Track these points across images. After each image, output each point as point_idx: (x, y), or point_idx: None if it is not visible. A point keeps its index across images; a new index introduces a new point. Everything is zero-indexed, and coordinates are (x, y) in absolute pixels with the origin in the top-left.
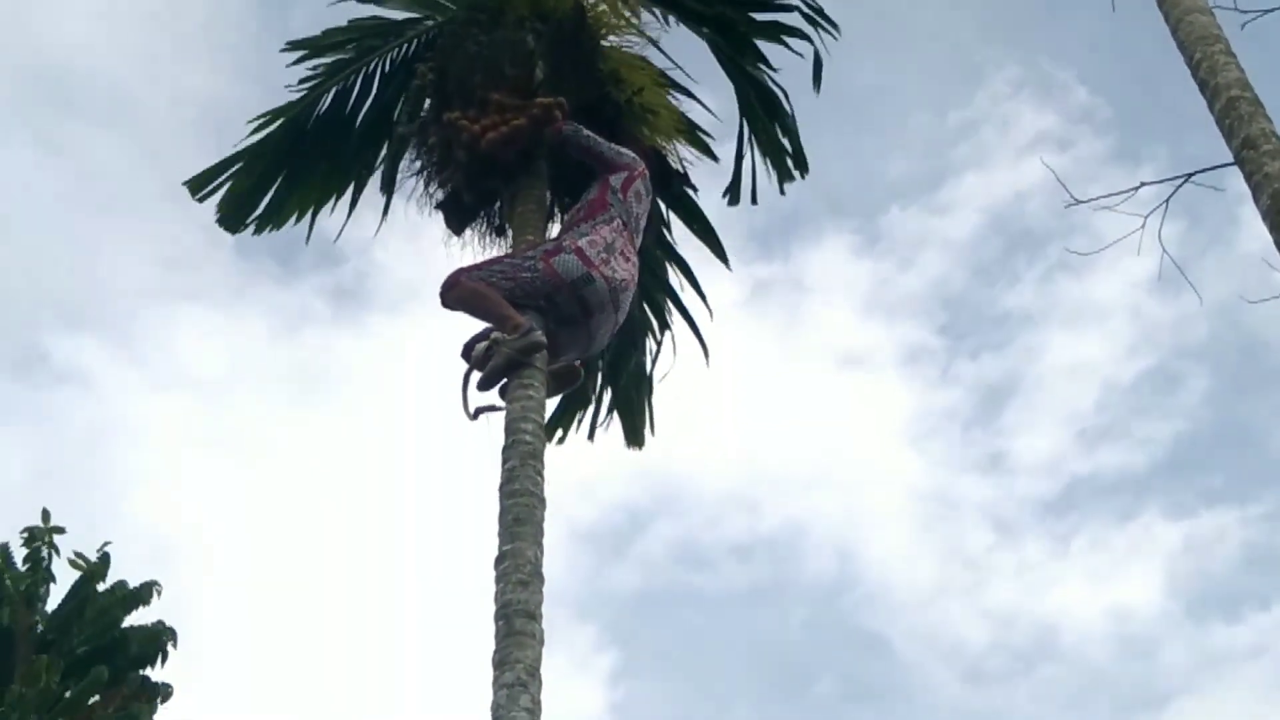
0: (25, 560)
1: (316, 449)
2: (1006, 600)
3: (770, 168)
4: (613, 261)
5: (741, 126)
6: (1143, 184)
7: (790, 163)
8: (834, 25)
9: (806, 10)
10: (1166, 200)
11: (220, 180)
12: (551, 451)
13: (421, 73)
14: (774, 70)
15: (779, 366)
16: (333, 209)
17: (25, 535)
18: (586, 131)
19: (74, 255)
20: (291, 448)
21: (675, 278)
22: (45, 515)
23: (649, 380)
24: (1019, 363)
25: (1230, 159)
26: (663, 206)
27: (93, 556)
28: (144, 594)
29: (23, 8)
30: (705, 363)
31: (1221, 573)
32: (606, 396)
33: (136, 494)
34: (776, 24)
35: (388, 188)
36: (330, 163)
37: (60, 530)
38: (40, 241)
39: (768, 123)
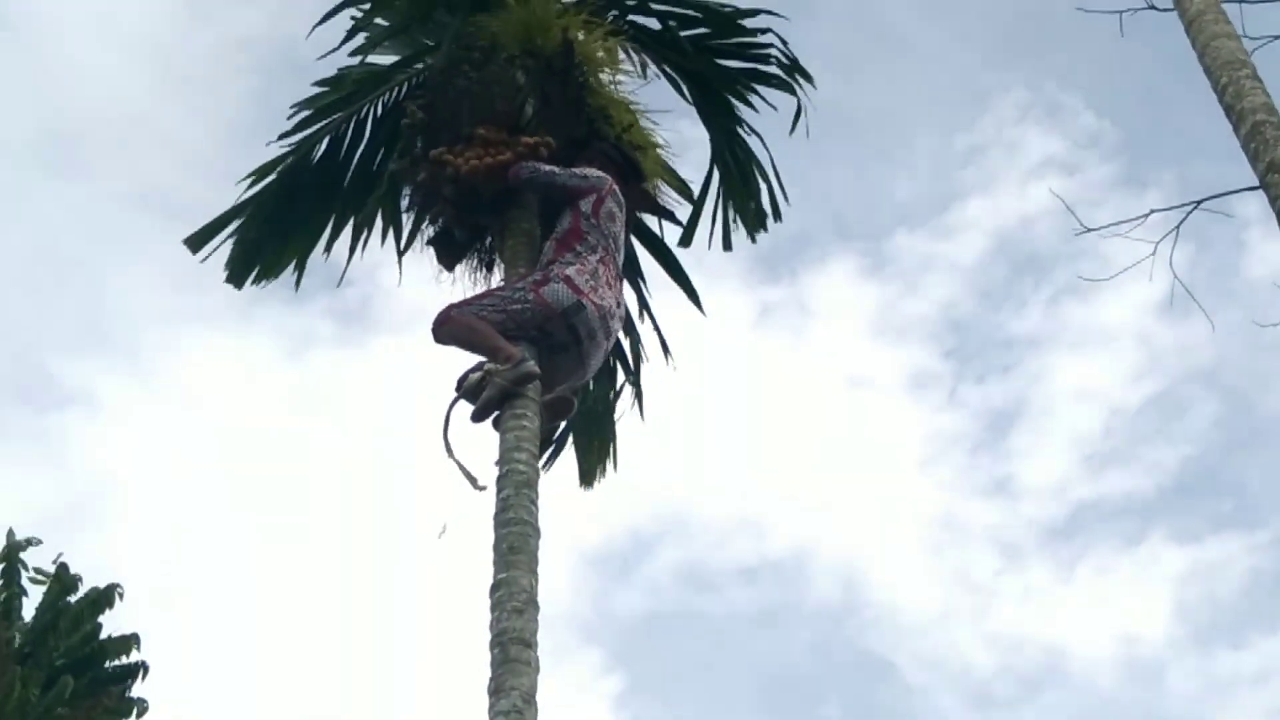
0: None
1: (313, 473)
2: (1013, 625)
3: (736, 220)
4: (600, 289)
5: (709, 175)
6: (1153, 211)
7: (766, 209)
8: (808, 77)
9: (782, 60)
10: (1177, 227)
11: (221, 236)
12: (557, 475)
13: (411, 111)
14: (754, 110)
15: (785, 389)
16: (326, 251)
17: None
18: (544, 167)
19: (80, 278)
20: (288, 470)
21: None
22: (10, 534)
23: (606, 420)
24: (1026, 387)
25: (1243, 183)
26: (634, 242)
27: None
28: (108, 597)
29: (32, 39)
30: (639, 412)
31: (1228, 599)
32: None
33: (140, 515)
34: (755, 71)
35: (387, 225)
36: (324, 208)
37: (26, 545)
38: (47, 264)
39: (740, 175)
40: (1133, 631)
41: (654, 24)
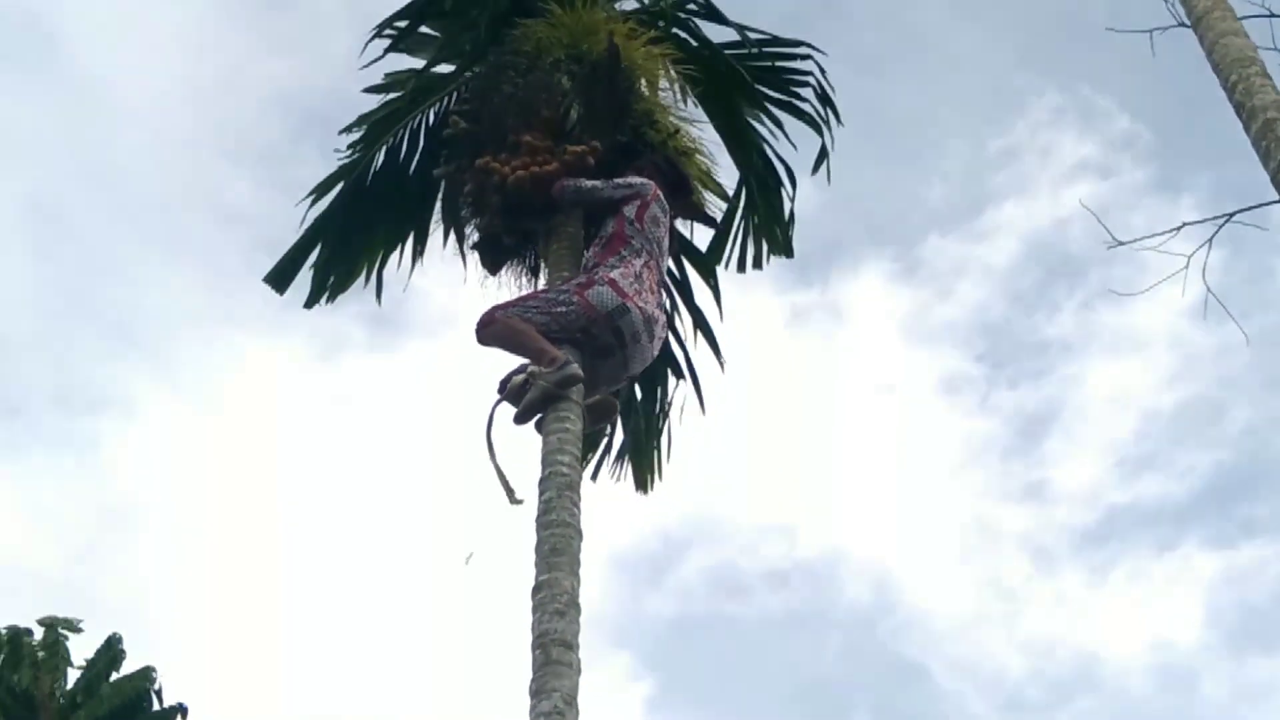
0: (42, 645)
1: (351, 477)
2: (1045, 630)
3: (760, 240)
4: (644, 292)
5: (738, 194)
6: (1185, 224)
7: (779, 239)
8: (838, 115)
9: (818, 90)
10: (1210, 240)
11: (303, 267)
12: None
13: (454, 121)
14: (779, 135)
15: (816, 393)
16: (399, 263)
17: (44, 626)
18: (586, 184)
19: (116, 280)
20: (324, 473)
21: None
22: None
23: (661, 427)
24: (1059, 391)
25: (1269, 183)
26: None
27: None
28: (144, 679)
29: (58, 26)
30: (702, 412)
31: (1261, 604)
32: (617, 441)
33: (171, 517)
34: (789, 103)
35: (451, 234)
36: (391, 218)
37: (75, 628)
38: (82, 267)
39: (765, 202)
40: (1165, 637)
41: (695, 39)
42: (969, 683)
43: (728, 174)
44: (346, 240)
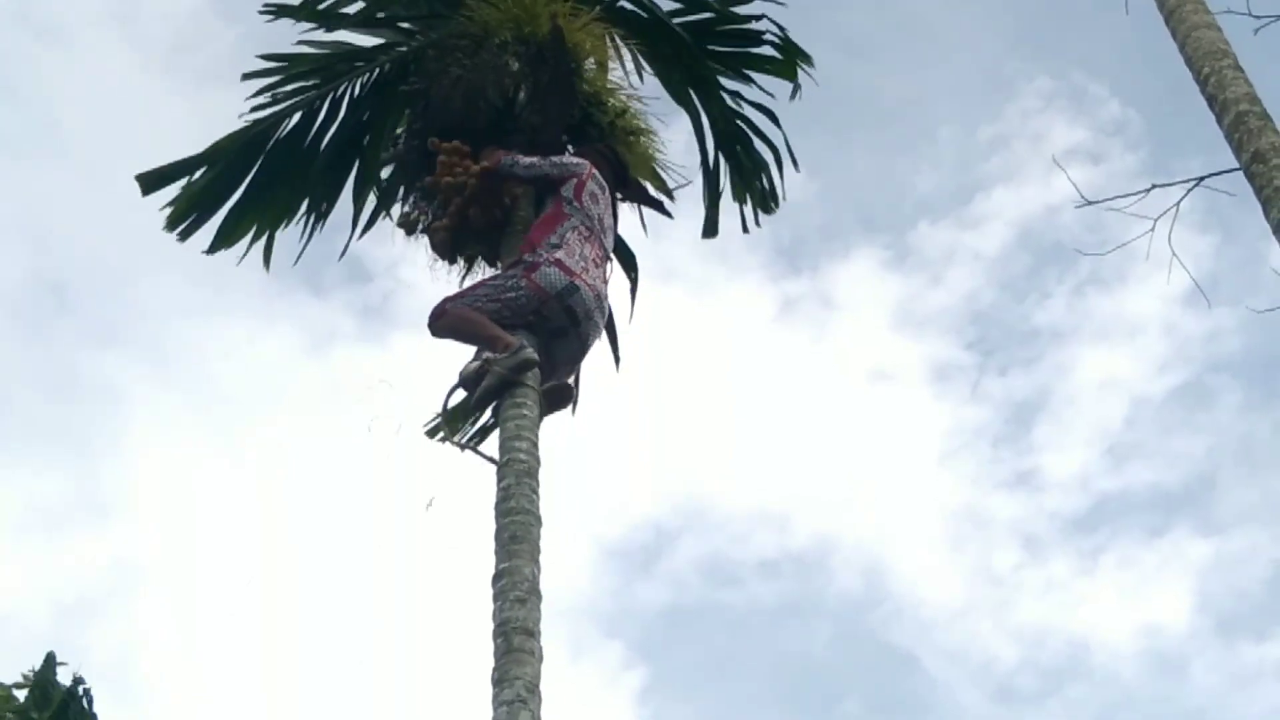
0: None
1: (314, 466)
2: (1036, 618)
3: (743, 200)
4: (590, 269)
5: (716, 161)
6: (1154, 186)
7: (760, 192)
8: (807, 58)
9: (776, 42)
10: (1177, 204)
11: (175, 183)
12: (578, 470)
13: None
14: (753, 88)
15: (807, 382)
16: (287, 229)
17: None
18: (524, 160)
19: (106, 272)
20: (301, 465)
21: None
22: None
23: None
24: (1049, 379)
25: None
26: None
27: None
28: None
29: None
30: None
31: (1251, 590)
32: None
33: (160, 505)
34: (749, 55)
35: (383, 206)
36: (291, 186)
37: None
38: (75, 258)
39: (742, 156)
40: (1156, 624)
41: (645, 10)
42: (959, 671)
43: (682, 153)
44: (234, 190)
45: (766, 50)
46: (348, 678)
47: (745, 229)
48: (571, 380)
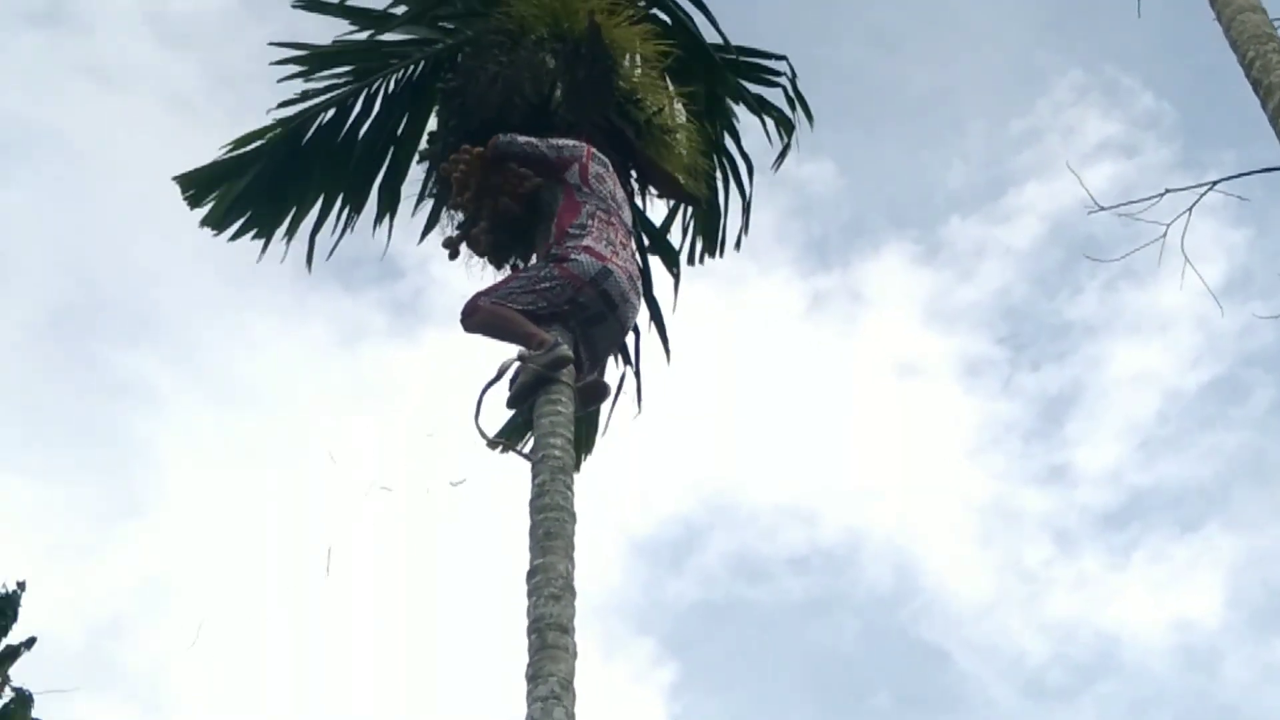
0: None
1: (351, 463)
2: (1067, 612)
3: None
4: (620, 251)
5: (726, 185)
6: (1168, 190)
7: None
8: (809, 115)
9: (790, 93)
10: (1190, 209)
11: (219, 190)
12: (609, 466)
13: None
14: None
15: (837, 377)
16: (320, 223)
17: None
18: (521, 139)
19: (133, 267)
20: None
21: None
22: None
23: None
24: (1081, 373)
25: (1268, 163)
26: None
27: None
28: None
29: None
30: (638, 407)
31: None
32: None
33: (186, 503)
34: (762, 98)
35: (432, 200)
36: (327, 179)
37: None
38: (98, 254)
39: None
40: (1188, 619)
41: (674, 18)
42: (990, 666)
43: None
44: (270, 183)
45: (778, 94)
46: (381, 676)
47: (691, 261)
48: (620, 376)
